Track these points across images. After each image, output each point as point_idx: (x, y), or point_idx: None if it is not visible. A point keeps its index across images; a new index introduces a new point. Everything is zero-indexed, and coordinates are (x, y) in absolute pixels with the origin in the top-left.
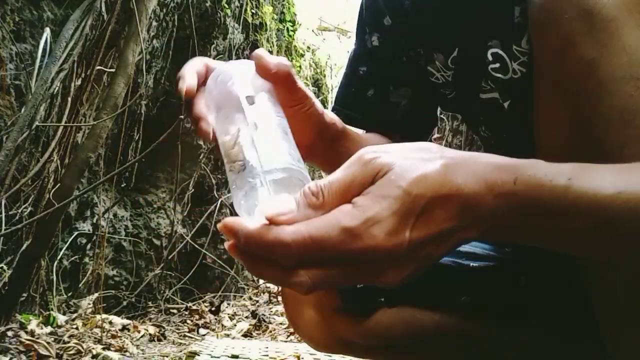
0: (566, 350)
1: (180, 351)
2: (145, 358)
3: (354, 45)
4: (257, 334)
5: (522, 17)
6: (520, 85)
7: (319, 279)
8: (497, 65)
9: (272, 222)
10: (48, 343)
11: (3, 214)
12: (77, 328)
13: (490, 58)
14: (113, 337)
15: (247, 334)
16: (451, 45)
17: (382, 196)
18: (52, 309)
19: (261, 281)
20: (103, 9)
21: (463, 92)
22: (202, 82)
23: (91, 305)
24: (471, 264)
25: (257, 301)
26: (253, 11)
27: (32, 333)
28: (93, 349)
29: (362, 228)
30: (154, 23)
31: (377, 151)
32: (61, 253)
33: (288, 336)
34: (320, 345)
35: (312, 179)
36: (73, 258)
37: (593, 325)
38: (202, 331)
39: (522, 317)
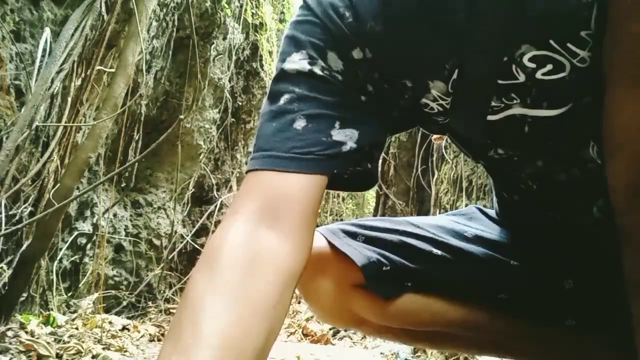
0: (595, 349)
1: None
2: (145, 358)
3: (276, 71)
4: None
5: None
6: (587, 77)
7: None
8: (550, 67)
9: None
10: (48, 343)
11: (3, 214)
12: (77, 328)
13: (533, 65)
14: (113, 337)
15: None
16: (450, 67)
17: None
18: (52, 309)
19: None
20: (103, 9)
21: (464, 117)
22: None
23: (91, 305)
24: (512, 262)
25: None
26: (253, 11)
27: (32, 333)
28: (93, 349)
29: None
30: (154, 23)
31: None
32: (61, 253)
33: (288, 336)
34: (331, 317)
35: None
36: (73, 258)
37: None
38: None
39: (561, 319)
